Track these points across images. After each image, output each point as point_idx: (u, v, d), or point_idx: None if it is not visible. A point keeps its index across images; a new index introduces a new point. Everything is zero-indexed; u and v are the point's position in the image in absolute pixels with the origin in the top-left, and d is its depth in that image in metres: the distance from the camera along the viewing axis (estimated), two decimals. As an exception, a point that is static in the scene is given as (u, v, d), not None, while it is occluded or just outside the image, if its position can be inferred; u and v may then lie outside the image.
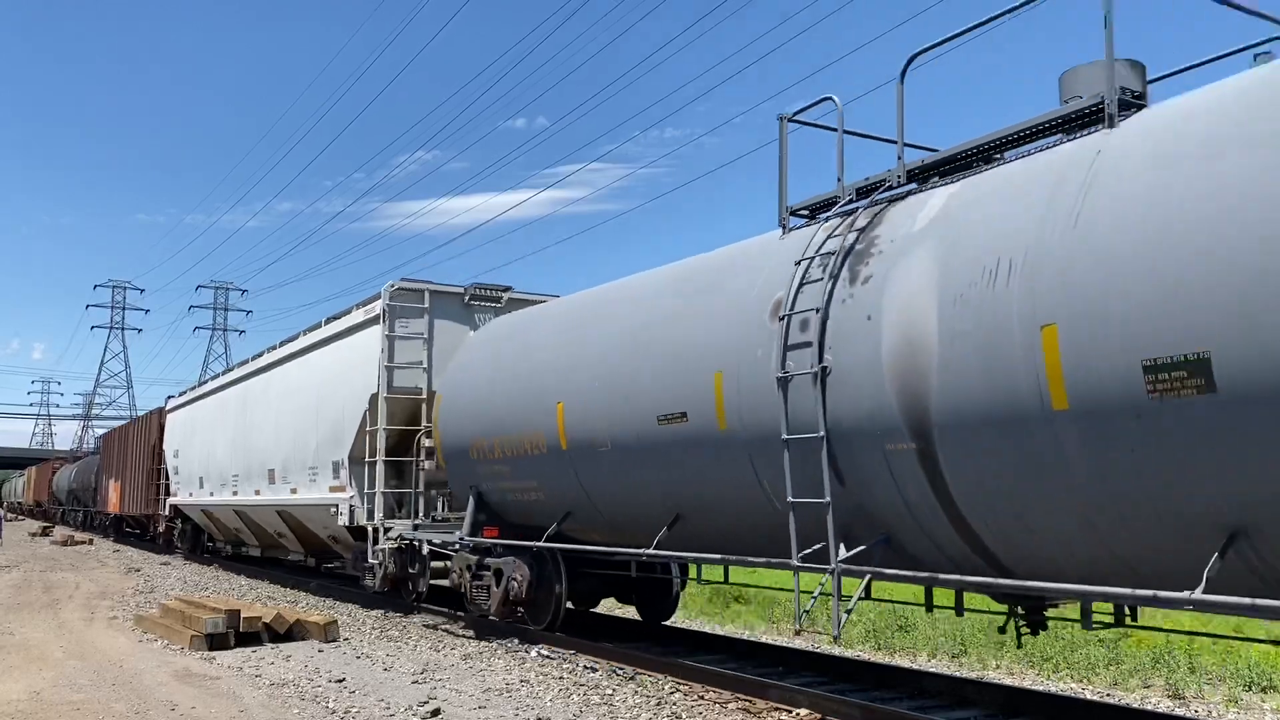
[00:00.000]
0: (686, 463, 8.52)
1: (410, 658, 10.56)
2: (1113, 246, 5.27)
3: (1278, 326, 4.51)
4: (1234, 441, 4.73)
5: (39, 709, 7.92)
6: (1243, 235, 4.71)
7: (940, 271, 6.34)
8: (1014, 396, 5.69)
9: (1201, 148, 5.10)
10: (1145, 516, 5.25)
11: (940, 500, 6.41)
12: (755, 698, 8.66)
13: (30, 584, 18.88)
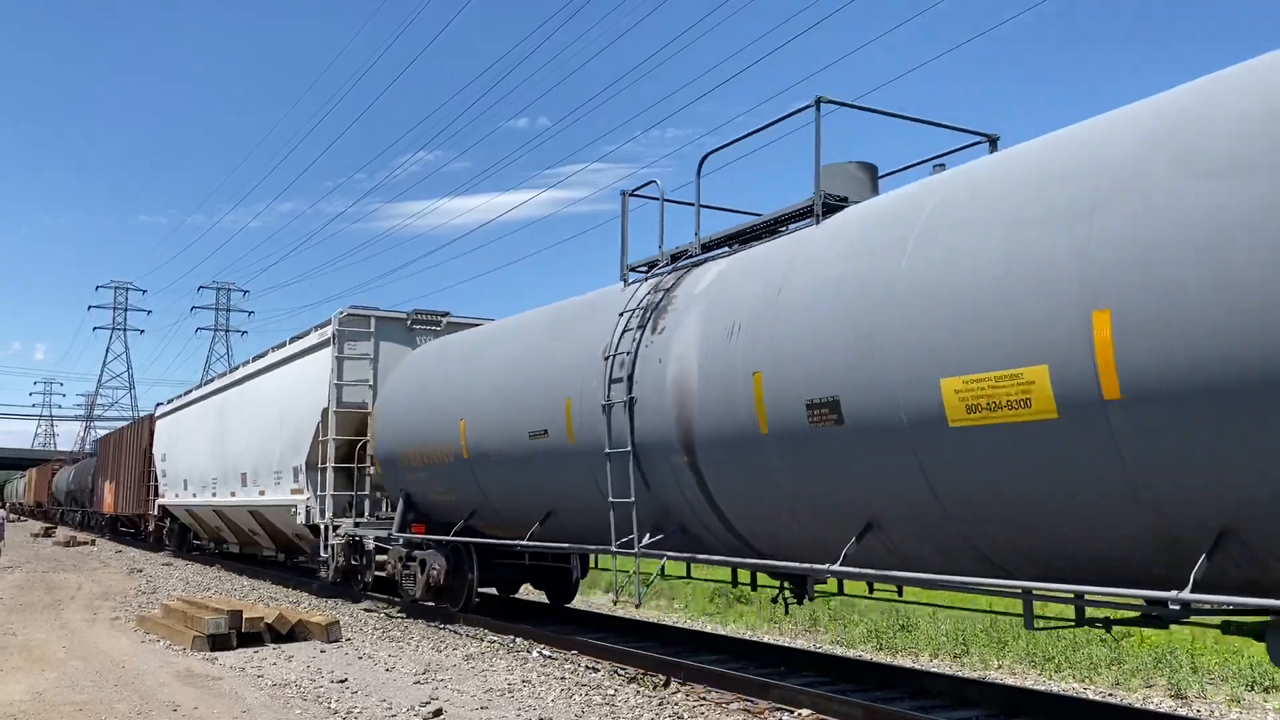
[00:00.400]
0: (551, 470, 10.42)
1: (412, 658, 10.57)
2: (794, 316, 7.29)
3: (875, 377, 6.52)
4: (857, 457, 6.76)
5: (41, 709, 7.93)
6: (857, 311, 6.77)
7: (703, 328, 8.38)
8: (740, 424, 7.73)
9: (846, 247, 7.23)
10: (817, 509, 7.36)
11: (707, 500, 8.49)
12: (757, 698, 8.66)
13: (33, 584, 18.90)
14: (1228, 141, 4.98)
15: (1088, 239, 5.43)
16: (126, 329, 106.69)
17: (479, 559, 13.17)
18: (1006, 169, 6.38)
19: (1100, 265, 5.31)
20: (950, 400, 6.11)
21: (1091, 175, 5.59)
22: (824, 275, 7.25)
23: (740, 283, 8.29)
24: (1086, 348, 5.34)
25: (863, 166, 8.86)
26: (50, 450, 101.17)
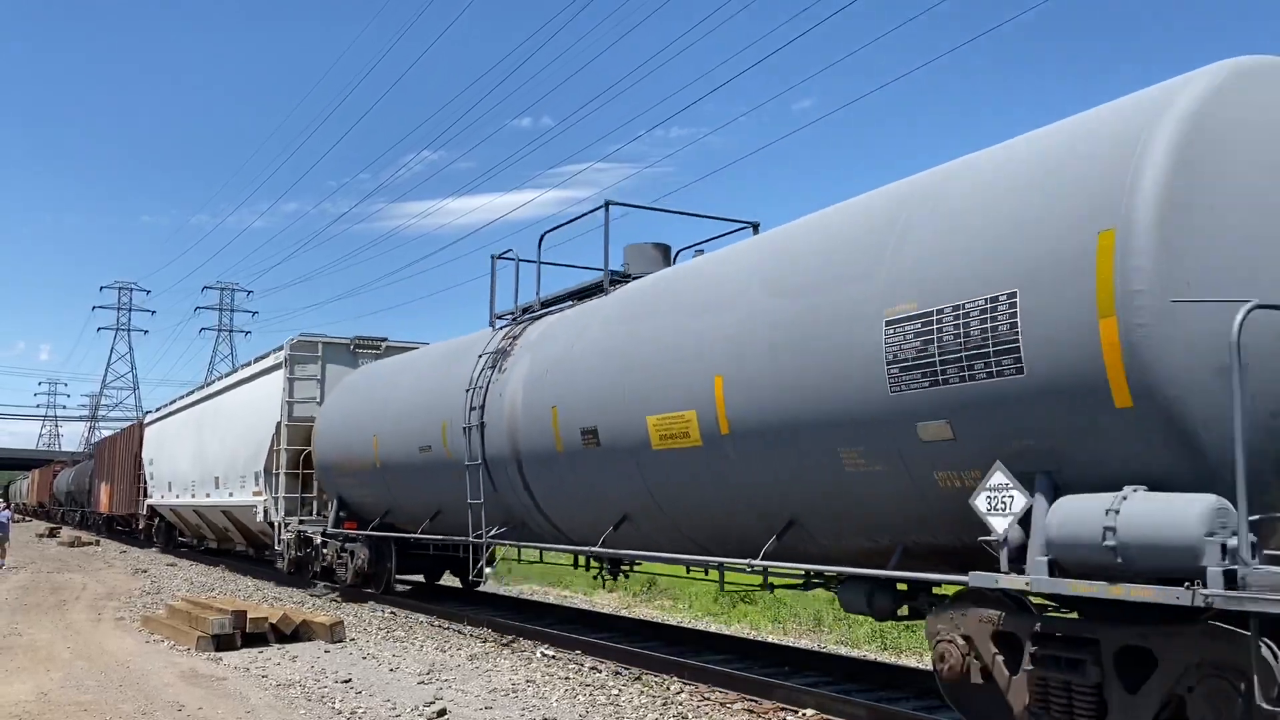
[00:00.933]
0: (435, 478, 13.02)
1: (416, 658, 10.57)
2: (577, 366, 10.05)
3: (615, 414, 9.19)
4: (610, 470, 9.50)
5: (47, 709, 7.95)
6: (608, 367, 9.46)
7: (528, 370, 10.94)
8: (546, 444, 10.40)
9: (607, 319, 10.00)
10: (592, 506, 10.13)
11: (532, 500, 11.15)
12: (761, 697, 8.65)
13: (38, 585, 18.93)
14: (792, 273, 7.61)
15: (715, 328, 8.17)
16: (130, 329, 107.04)
17: (397, 550, 15.57)
18: (684, 275, 9.50)
19: (719, 346, 8.07)
20: (651, 432, 8.83)
21: (725, 287, 8.40)
22: (594, 338, 10.06)
23: (553, 336, 11.05)
24: (712, 400, 8.07)
25: (658, 246, 11.56)
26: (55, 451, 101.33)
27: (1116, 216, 5.30)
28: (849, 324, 6.86)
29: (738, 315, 7.95)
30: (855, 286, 6.91)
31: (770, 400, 7.48)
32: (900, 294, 6.53)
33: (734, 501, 8.23)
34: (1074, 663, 5.67)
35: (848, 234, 7.43)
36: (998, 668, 6.11)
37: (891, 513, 6.90)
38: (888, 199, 7.37)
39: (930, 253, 6.46)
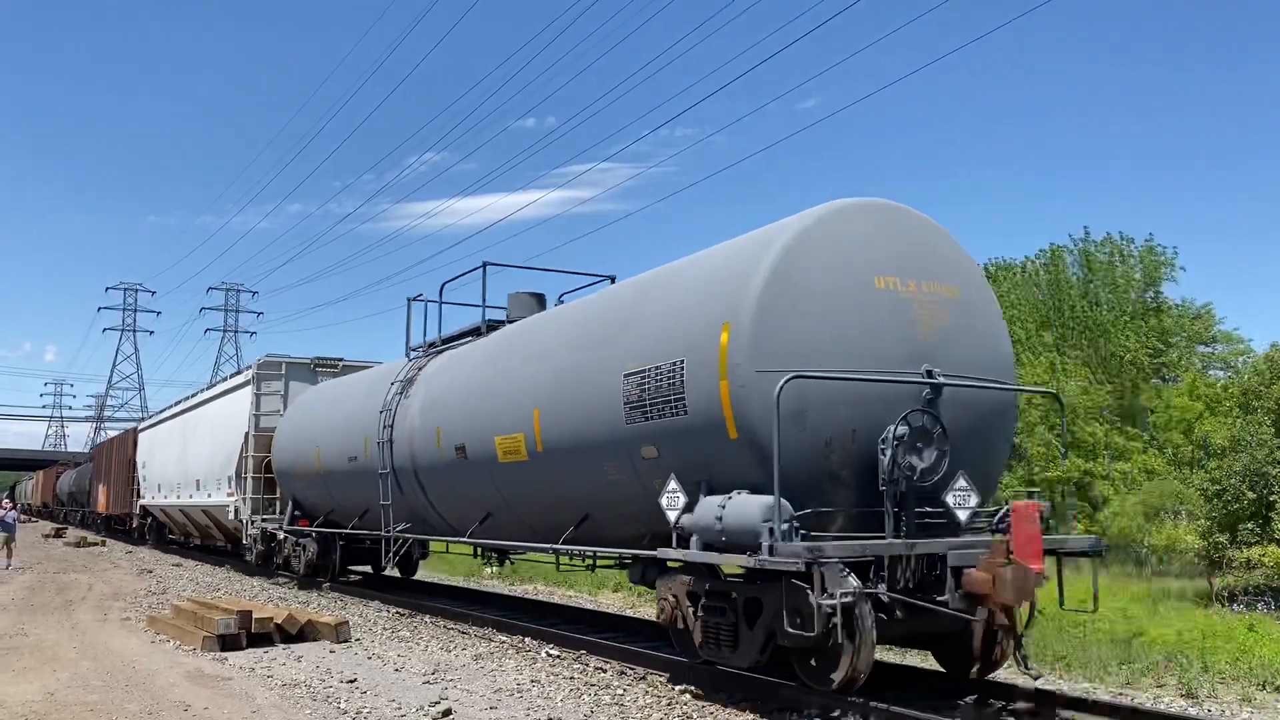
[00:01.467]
0: (361, 483, 15.42)
1: (421, 658, 10.58)
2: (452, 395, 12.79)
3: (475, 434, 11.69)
4: (475, 478, 12.07)
5: (53, 709, 7.96)
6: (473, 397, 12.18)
7: (424, 396, 13.58)
8: (435, 456, 12.93)
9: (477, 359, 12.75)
10: (466, 506, 12.71)
11: (428, 500, 13.67)
12: (766, 698, 8.64)
13: (44, 585, 18.98)
14: (578, 337, 10.48)
15: (536, 373, 10.90)
16: (136, 330, 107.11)
17: (344, 544, 17.88)
18: (522, 330, 12.32)
19: (538, 386, 10.77)
20: (498, 448, 11.36)
21: (544, 343, 11.26)
22: (467, 374, 12.68)
23: (442, 370, 13.66)
24: (532, 426, 10.65)
25: (533, 295, 13.88)
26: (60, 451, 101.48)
27: (732, 316, 8.10)
28: (606, 375, 9.57)
29: (549, 364, 10.82)
30: (610, 348, 9.70)
31: (568, 427, 10.23)
32: (632, 356, 9.25)
33: (551, 501, 11.03)
34: (721, 610, 8.38)
35: (610, 310, 10.39)
36: (689, 616, 8.73)
37: (638, 510, 9.37)
38: (635, 286, 10.48)
39: (649, 329, 9.25)
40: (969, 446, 8.33)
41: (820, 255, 8.15)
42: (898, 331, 8.23)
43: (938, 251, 8.79)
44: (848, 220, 8.49)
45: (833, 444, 7.90)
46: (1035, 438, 36.04)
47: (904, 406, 7.94)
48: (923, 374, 8.16)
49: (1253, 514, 19.17)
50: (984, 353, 8.79)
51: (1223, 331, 45.67)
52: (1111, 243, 42.25)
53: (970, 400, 8.45)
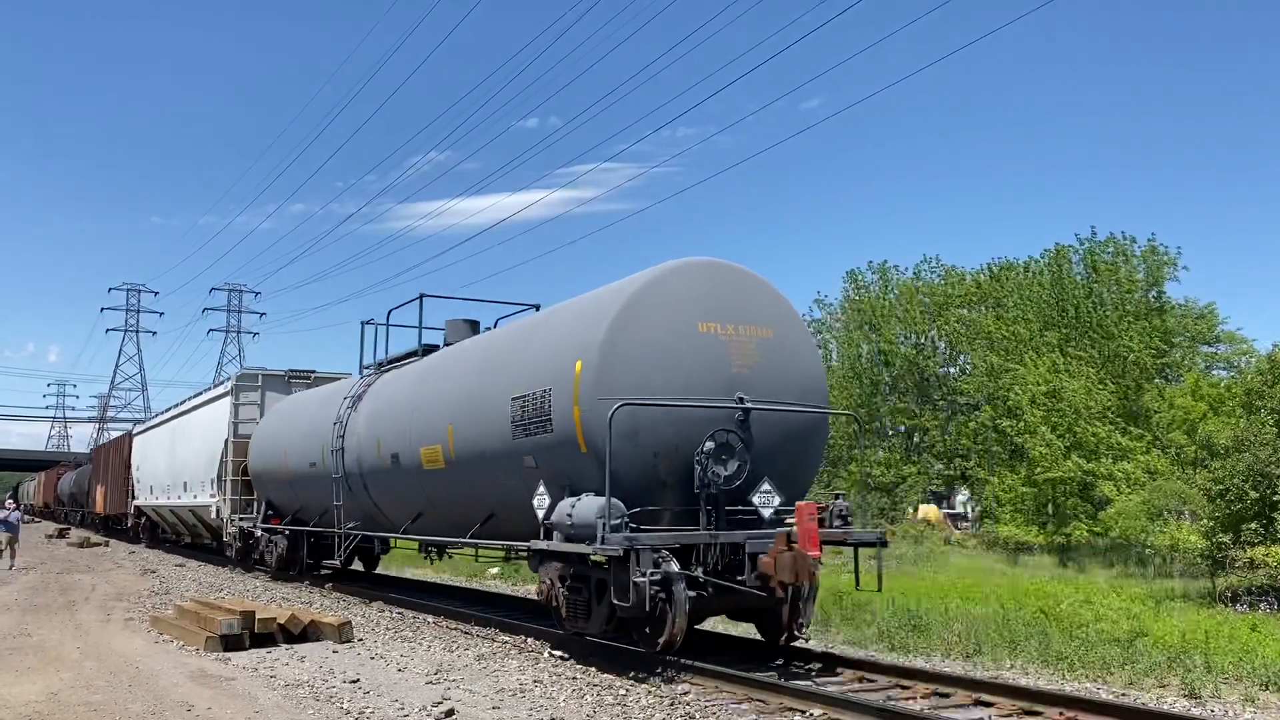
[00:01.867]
0: (320, 487, 17.30)
1: (424, 658, 10.59)
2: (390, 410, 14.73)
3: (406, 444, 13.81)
4: (408, 482, 14.06)
5: (56, 710, 7.97)
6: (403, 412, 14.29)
7: (370, 411, 15.39)
8: (377, 463, 14.72)
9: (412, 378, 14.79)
10: (403, 506, 14.58)
11: (372, 502, 15.53)
12: (768, 697, 8.65)
13: (47, 586, 19.00)
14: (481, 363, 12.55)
15: (451, 394, 12.78)
16: (139, 331, 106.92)
17: (312, 541, 19.28)
18: (445, 356, 14.38)
19: (451, 405, 12.66)
20: (423, 457, 13.27)
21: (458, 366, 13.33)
22: (404, 393, 14.54)
23: (385, 387, 15.57)
24: (447, 438, 12.51)
25: (468, 322, 15.61)
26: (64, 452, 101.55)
27: (584, 355, 10.09)
28: (499, 398, 11.50)
29: (460, 387, 12.81)
30: (502, 376, 11.73)
31: (472, 440, 12.13)
32: (516, 383, 11.24)
33: (464, 502, 12.86)
34: (580, 589, 10.32)
35: (504, 344, 12.61)
36: (559, 595, 10.59)
37: (526, 510, 11.01)
38: (522, 326, 12.91)
39: (529, 362, 11.30)
40: (776, 457, 10.38)
41: (653, 307, 10.29)
42: (715, 366, 10.27)
43: (756, 300, 10.83)
44: (679, 277, 10.65)
45: (660, 457, 9.96)
46: (1038, 438, 36.04)
47: (719, 426, 9.99)
48: (735, 400, 10.17)
49: (1256, 514, 19.14)
50: (794, 381, 10.78)
51: (1226, 331, 45.61)
52: (1115, 242, 42.22)
53: (778, 420, 10.46)
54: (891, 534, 35.00)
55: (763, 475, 10.26)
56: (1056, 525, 35.55)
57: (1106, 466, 34.96)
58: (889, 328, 44.98)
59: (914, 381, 45.21)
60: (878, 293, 47.06)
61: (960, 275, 46.23)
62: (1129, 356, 38.99)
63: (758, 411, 10.26)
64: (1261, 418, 20.11)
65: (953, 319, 44.06)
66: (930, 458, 44.61)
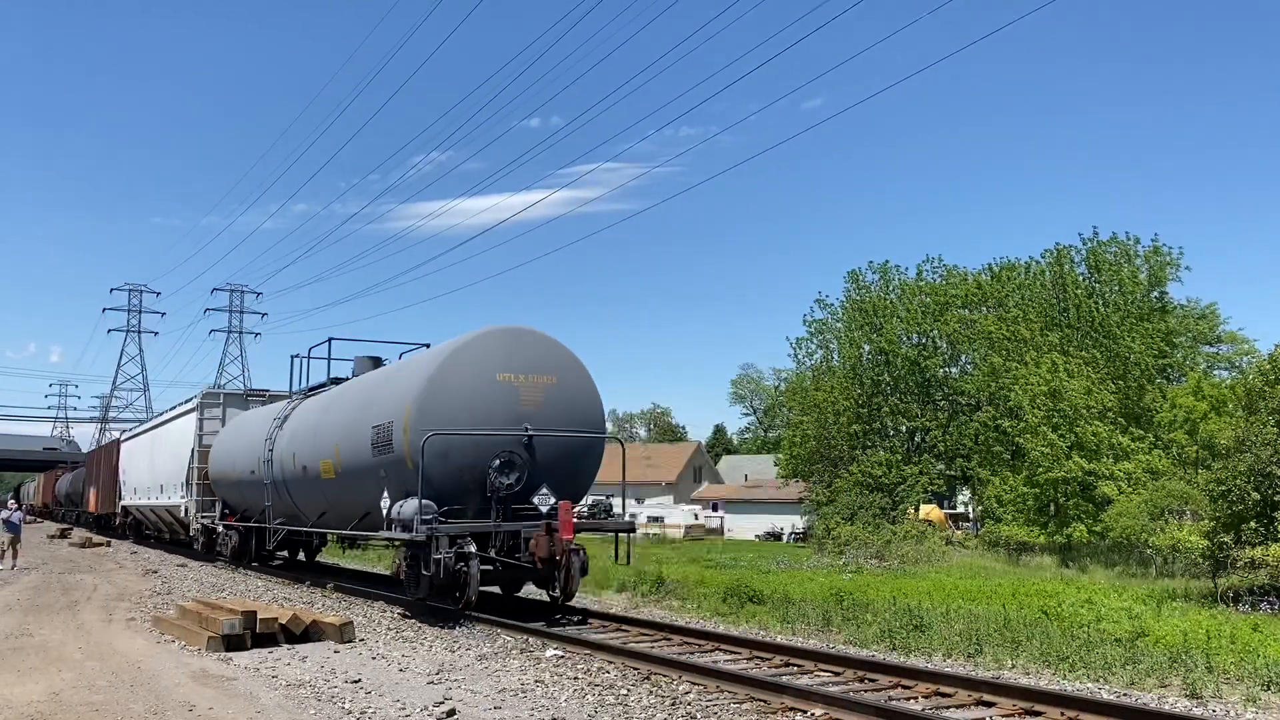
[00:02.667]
0: (257, 490, 20.84)
1: (425, 658, 10.59)
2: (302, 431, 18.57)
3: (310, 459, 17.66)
4: (312, 488, 17.98)
5: (58, 709, 7.98)
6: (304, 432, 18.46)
7: (292, 430, 19.11)
8: (295, 472, 18.54)
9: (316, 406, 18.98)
10: (311, 506, 18.59)
11: (294, 503, 19.33)
12: (769, 697, 8.65)
13: (49, 586, 19.01)
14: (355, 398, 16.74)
15: (339, 421, 16.66)
16: (141, 331, 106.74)
17: (256, 535, 22.19)
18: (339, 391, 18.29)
19: (339, 429, 16.56)
20: (323, 469, 16.88)
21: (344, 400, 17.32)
22: (313, 418, 18.00)
23: (303, 410, 19.24)
24: (335, 455, 16.36)
25: (372, 358, 18.95)
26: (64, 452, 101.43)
27: (412, 399, 13.81)
28: (365, 425, 15.28)
29: (344, 416, 16.64)
30: (368, 410, 15.49)
31: (350, 457, 15.85)
32: (374, 416, 15.00)
33: (348, 504, 16.56)
34: (414, 566, 13.85)
35: (371, 385, 16.52)
36: (402, 570, 14.42)
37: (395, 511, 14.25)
38: (385, 372, 17.08)
39: (382, 399, 15.11)
40: (556, 469, 14.16)
41: (463, 364, 14.07)
42: (508, 405, 13.98)
43: (543, 355, 14.60)
44: (484, 340, 14.41)
45: (463, 470, 13.65)
46: (1038, 438, 36.01)
47: (507, 448, 13.76)
48: (522, 429, 13.90)
49: (1258, 514, 19.13)
50: (572, 414, 14.47)
51: (1228, 331, 45.68)
52: (1118, 242, 42.20)
53: (558, 442, 14.26)
54: (893, 533, 35.06)
55: (542, 482, 13.94)
56: (1058, 525, 35.53)
57: (1108, 466, 34.94)
58: (890, 327, 44.98)
59: (915, 382, 45.20)
60: (879, 293, 47.07)
61: (962, 276, 46.23)
62: (1130, 357, 38.97)
63: (539, 436, 14.00)
64: (1263, 418, 20.09)
65: (953, 319, 44.06)
66: (931, 458, 44.62)
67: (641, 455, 74.94)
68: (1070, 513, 35.36)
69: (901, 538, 34.51)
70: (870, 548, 33.29)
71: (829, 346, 48.23)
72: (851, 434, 44.32)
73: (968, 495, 50.80)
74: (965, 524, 50.02)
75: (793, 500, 53.12)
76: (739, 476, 73.39)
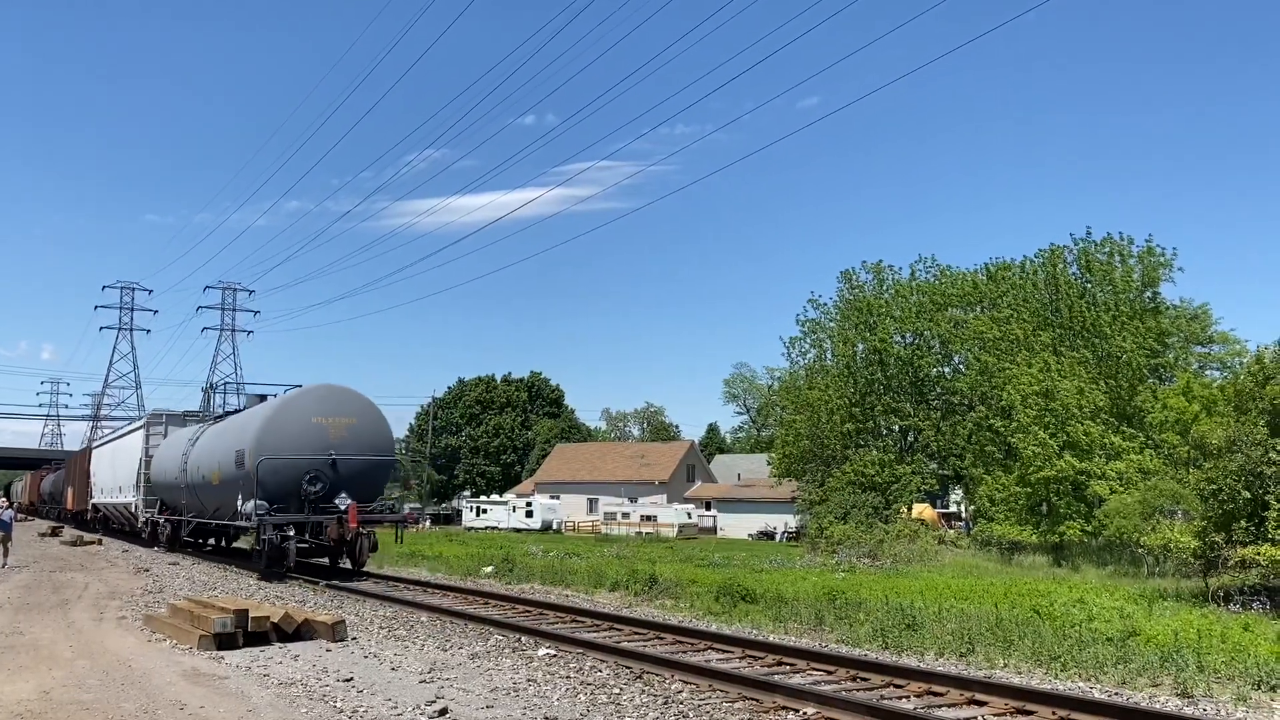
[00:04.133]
0: (181, 490, 28.00)
1: (418, 657, 10.57)
2: (201, 449, 26.25)
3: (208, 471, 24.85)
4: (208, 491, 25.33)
5: (48, 708, 7.94)
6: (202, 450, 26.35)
7: (198, 448, 26.65)
8: (197, 477, 26.08)
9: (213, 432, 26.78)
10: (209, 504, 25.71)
11: (199, 501, 26.86)
12: (761, 695, 8.66)
13: (40, 584, 18.95)
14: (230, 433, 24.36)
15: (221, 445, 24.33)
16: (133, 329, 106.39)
17: (186, 528, 28.30)
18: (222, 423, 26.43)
19: (220, 451, 24.29)
20: (212, 476, 24.44)
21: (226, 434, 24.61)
22: (210, 439, 25.44)
23: (203, 432, 27.05)
24: (217, 468, 24.15)
25: (259, 395, 25.18)
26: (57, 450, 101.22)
27: (253, 434, 21.80)
28: (231, 450, 22.87)
29: (224, 441, 23.66)
30: (235, 438, 22.96)
31: (225, 471, 23.03)
32: (236, 442, 22.64)
33: (227, 504, 22.74)
34: (260, 545, 20.95)
35: (238, 423, 23.65)
36: (254, 548, 22.22)
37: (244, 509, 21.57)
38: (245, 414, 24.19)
39: (241, 432, 22.72)
40: (354, 481, 21.35)
41: (289, 410, 21.53)
42: (319, 439, 21.25)
43: (349, 403, 22.09)
44: (304, 395, 22.18)
45: (287, 482, 20.62)
46: (1030, 438, 36.08)
47: (316, 468, 20.83)
48: (328, 455, 21.05)
49: (1248, 513, 19.19)
50: (367, 442, 21.80)
51: (1219, 332, 45.74)
52: (1112, 242, 42.26)
53: (355, 462, 21.43)
54: (885, 533, 35.11)
55: (342, 490, 21.13)
56: (1050, 525, 35.61)
57: (1099, 466, 35.02)
58: (884, 327, 45.03)
59: (908, 381, 45.25)
60: (873, 292, 47.12)
61: (956, 276, 46.30)
62: (1122, 356, 39.06)
63: (341, 459, 21.32)
64: (1252, 418, 20.16)
65: (945, 320, 44.11)
66: (924, 458, 44.67)
67: (635, 454, 74.96)
68: (1062, 512, 35.43)
69: (894, 537, 34.57)
70: (863, 547, 33.35)
71: (822, 346, 48.27)
72: (844, 433, 44.36)
73: (960, 494, 50.86)
74: (958, 523, 50.11)
75: (786, 500, 53.17)
76: (732, 476, 73.41)
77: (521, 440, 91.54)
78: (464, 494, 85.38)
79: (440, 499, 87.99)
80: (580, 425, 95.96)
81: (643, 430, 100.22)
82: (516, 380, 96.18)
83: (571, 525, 65.75)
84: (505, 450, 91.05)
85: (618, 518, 60.84)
